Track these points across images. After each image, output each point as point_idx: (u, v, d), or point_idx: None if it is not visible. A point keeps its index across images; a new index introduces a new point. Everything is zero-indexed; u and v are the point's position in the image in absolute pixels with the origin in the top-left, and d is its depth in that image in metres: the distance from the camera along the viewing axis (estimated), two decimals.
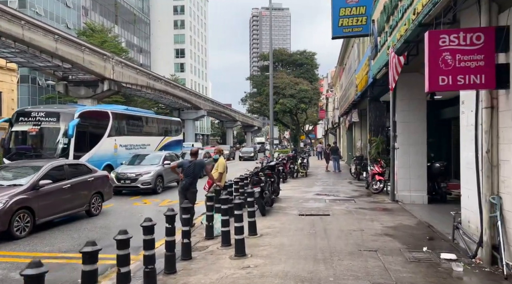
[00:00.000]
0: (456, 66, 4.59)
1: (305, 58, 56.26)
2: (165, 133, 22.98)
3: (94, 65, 29.19)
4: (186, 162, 7.37)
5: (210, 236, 6.77)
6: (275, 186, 10.64)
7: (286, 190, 13.04)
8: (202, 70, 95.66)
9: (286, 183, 15.68)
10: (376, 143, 15.25)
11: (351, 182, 15.84)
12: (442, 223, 7.48)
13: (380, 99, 15.97)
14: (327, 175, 19.45)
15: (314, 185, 14.74)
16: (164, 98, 47.91)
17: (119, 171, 13.66)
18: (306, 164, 19.03)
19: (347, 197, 11.52)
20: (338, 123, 33.87)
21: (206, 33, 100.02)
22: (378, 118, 16.28)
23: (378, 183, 12.13)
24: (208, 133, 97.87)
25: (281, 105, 46.65)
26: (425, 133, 10.24)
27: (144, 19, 79.68)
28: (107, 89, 31.38)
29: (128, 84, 35.89)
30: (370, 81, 12.17)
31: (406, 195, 10.20)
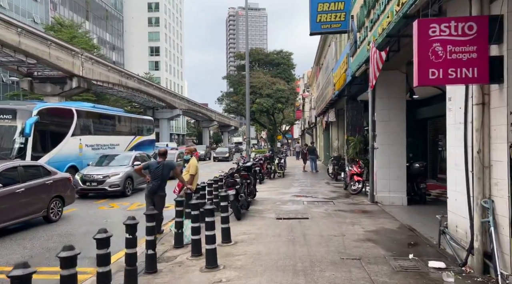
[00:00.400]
0: (447, 58, 4.21)
1: (282, 58, 56.13)
2: (136, 132, 21.94)
3: (61, 61, 27.74)
4: (154, 163, 6.73)
5: (179, 245, 6.17)
6: (251, 188, 10.13)
7: (263, 192, 12.55)
8: (177, 68, 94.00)
9: (263, 184, 15.21)
10: (353, 142, 15.03)
11: (329, 182, 15.55)
12: (424, 226, 7.18)
13: (358, 98, 15.78)
14: (304, 175, 19.12)
15: (291, 186, 14.33)
16: (137, 97, 46.49)
17: (85, 173, 12.77)
18: (283, 165, 18.64)
19: (325, 198, 11.14)
20: (314, 123, 33.77)
21: (181, 31, 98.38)
22: (355, 118, 16.08)
23: (357, 184, 11.84)
24: (184, 133, 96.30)
25: (258, 104, 46.24)
26: (404, 132, 10.00)
27: (117, 16, 77.38)
28: (75, 87, 29.94)
29: (99, 82, 34.47)
30: (348, 79, 11.87)
31: (385, 196, 9.92)
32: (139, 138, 21.69)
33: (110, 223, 8.81)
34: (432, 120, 15.45)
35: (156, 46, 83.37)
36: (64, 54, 28.18)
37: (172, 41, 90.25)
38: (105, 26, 71.71)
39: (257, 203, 10.33)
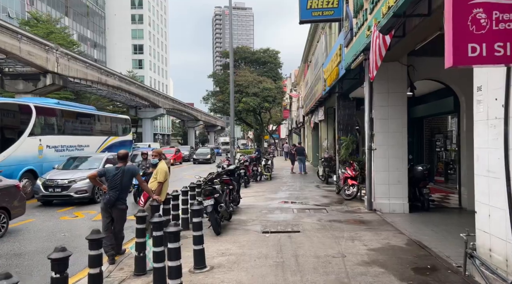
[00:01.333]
0: (492, 29, 3.10)
1: (269, 56, 55.07)
2: (110, 132, 20.29)
3: (33, 56, 25.96)
4: (112, 170, 5.46)
5: (141, 272, 4.92)
6: (234, 195, 8.92)
7: (248, 198, 11.36)
8: (162, 67, 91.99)
9: (248, 188, 14.02)
10: (346, 143, 14.00)
11: (319, 186, 14.46)
12: (436, 241, 6.11)
13: (350, 95, 14.75)
14: (292, 177, 18.00)
15: (279, 190, 13.17)
16: (118, 95, 44.69)
17: (48, 177, 11.34)
18: (271, 166, 17.47)
19: (317, 205, 10.01)
20: (302, 123, 32.75)
21: (166, 29, 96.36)
22: (347, 116, 15.04)
23: (351, 188, 10.76)
24: (169, 133, 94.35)
25: (244, 104, 45.06)
26: (405, 132, 8.95)
27: (98, 12, 75.02)
28: (50, 84, 28.17)
29: (76, 79, 32.70)
30: (342, 73, 10.77)
31: (385, 203, 8.85)
32: (113, 138, 20.02)
33: (69, 238, 7.51)
34: (428, 118, 14.51)
35: (140, 44, 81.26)
36: (36, 49, 26.41)
37: (156, 39, 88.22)
38: (86, 22, 69.36)
39: (241, 211, 9.13)
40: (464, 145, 9.24)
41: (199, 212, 5.02)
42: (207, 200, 6.68)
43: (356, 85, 12.22)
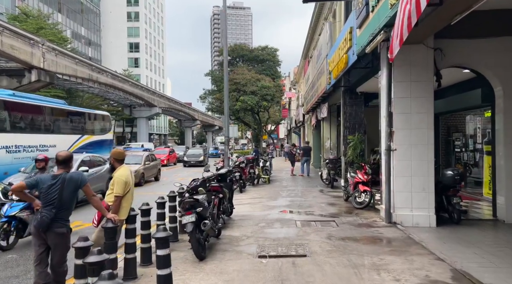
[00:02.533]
0: None
1: (267, 54, 53.65)
2: (83, 130, 17.94)
3: (16, 50, 24.36)
4: (46, 179, 3.90)
5: None
6: (225, 205, 7.39)
7: (243, 206, 9.82)
8: (159, 66, 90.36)
9: (244, 193, 12.49)
10: (353, 142, 12.50)
11: (323, 190, 12.93)
12: (490, 272, 4.59)
13: (358, 90, 13.24)
14: (293, 180, 16.47)
15: (279, 196, 11.63)
16: (111, 94, 43.09)
17: (9, 182, 9.79)
18: (269, 168, 15.93)
19: (324, 216, 8.48)
20: (302, 122, 31.24)
21: (163, 27, 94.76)
22: (354, 113, 13.52)
23: (363, 196, 9.23)
24: (166, 133, 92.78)
25: (242, 102, 43.57)
26: (432, 129, 7.44)
27: (93, 9, 73.36)
28: (35, 80, 26.57)
29: (65, 76, 31.13)
30: (352, 59, 9.25)
31: (407, 215, 7.33)
32: (88, 137, 17.77)
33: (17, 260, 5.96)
34: (445, 115, 13.01)
35: (136, 42, 79.63)
36: (20, 43, 24.80)
37: (153, 37, 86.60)
38: (80, 20, 67.71)
39: (233, 224, 7.60)
40: (501, 145, 7.73)
41: (164, 242, 3.47)
42: (187, 215, 5.15)
43: (366, 76, 10.73)
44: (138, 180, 14.58)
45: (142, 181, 15.19)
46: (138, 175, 14.83)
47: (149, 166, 16.16)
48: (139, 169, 15.14)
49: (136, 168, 14.89)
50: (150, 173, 16.33)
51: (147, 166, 15.92)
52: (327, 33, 14.33)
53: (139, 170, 15.06)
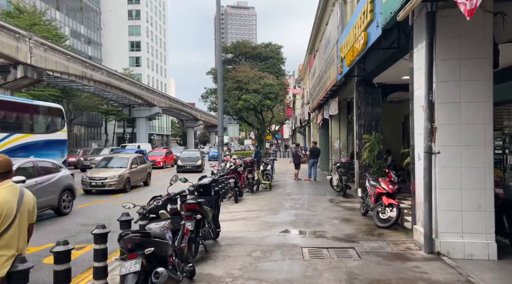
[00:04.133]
0: None
1: (271, 51, 51.60)
2: (16, 127, 13.92)
3: (0, 44, 22.61)
4: None
5: None
6: (205, 230, 5.40)
7: (236, 222, 7.86)
8: (161, 65, 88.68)
9: (240, 202, 10.52)
10: (370, 143, 10.53)
11: (334, 200, 10.92)
12: None
13: (374, 80, 11.25)
14: (298, 186, 14.47)
15: (281, 208, 9.63)
16: (108, 92, 41.34)
17: None
18: (271, 173, 13.92)
19: (340, 239, 6.48)
20: (308, 121, 29.21)
21: (165, 26, 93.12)
22: (370, 108, 11.54)
23: (388, 211, 7.22)
24: (169, 133, 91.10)
25: (244, 101, 41.62)
26: (491, 124, 5.43)
27: (93, 7, 71.81)
28: (21, 77, 24.81)
29: (56, 73, 29.36)
30: (375, 36, 7.22)
31: (455, 243, 5.33)
32: (22, 137, 13.65)
33: None
34: None
35: (137, 41, 77.98)
36: (4, 36, 23.04)
37: (154, 36, 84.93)
38: (80, 18, 66.14)
39: (217, 253, 5.63)
40: None
41: None
42: (128, 261, 3.19)
43: (388, 61, 8.74)
44: (122, 186, 13.00)
45: (128, 187, 13.41)
46: (123, 180, 13.15)
47: (137, 169, 14.37)
48: (124, 173, 13.36)
49: (121, 173, 13.25)
50: (137, 177, 14.54)
51: (134, 170, 14.10)
52: (337, 15, 12.32)
53: (124, 174, 13.28)
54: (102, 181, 12.66)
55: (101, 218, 8.65)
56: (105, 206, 10.67)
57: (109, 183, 12.62)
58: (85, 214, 9.52)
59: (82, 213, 9.59)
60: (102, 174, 13.01)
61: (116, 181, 12.75)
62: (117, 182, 12.75)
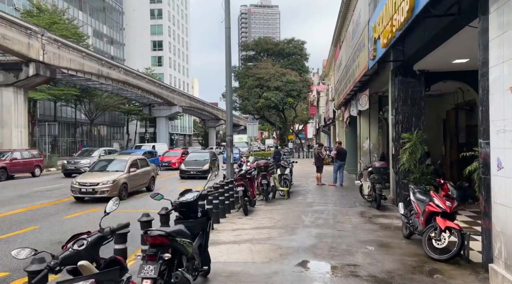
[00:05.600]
0: None
1: (294, 47, 49.65)
2: None
3: (9, 40, 21.82)
4: None
5: None
6: (178, 276, 3.61)
7: (238, 246, 6.09)
8: (183, 64, 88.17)
9: (251, 214, 8.74)
10: (411, 143, 8.54)
11: (365, 213, 8.94)
12: None
13: (415, 67, 9.22)
14: (321, 193, 12.52)
15: (299, 225, 7.77)
16: (127, 91, 40.57)
17: None
18: (289, 178, 12.03)
19: (379, 281, 4.56)
20: (332, 119, 27.07)
21: (187, 25, 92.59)
22: (410, 101, 9.49)
23: (446, 237, 5.23)
24: (191, 133, 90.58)
25: (265, 99, 39.87)
26: None
27: (116, 8, 71.91)
28: (33, 74, 24.03)
29: (71, 71, 28.59)
30: None
31: None
32: None
33: None
34: None
35: (159, 40, 77.63)
36: (14, 32, 22.27)
37: (176, 35, 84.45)
38: (102, 18, 66.29)
39: None
40: None
41: None
42: None
43: (437, 39, 6.77)
44: (117, 192, 11.23)
45: (124, 194, 11.67)
46: (118, 186, 11.43)
47: (136, 174, 12.63)
48: (119, 178, 11.60)
49: (115, 177, 11.53)
50: (138, 182, 12.85)
51: (133, 174, 12.37)
52: None
53: (119, 179, 11.56)
54: (93, 188, 10.98)
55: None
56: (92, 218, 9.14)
57: (102, 189, 10.92)
58: (61, 228, 7.99)
59: (58, 227, 8.07)
60: (93, 179, 11.31)
61: (110, 187, 11.04)
62: (111, 189, 11.03)
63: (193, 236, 4.19)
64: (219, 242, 6.40)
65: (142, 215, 4.44)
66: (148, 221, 4.58)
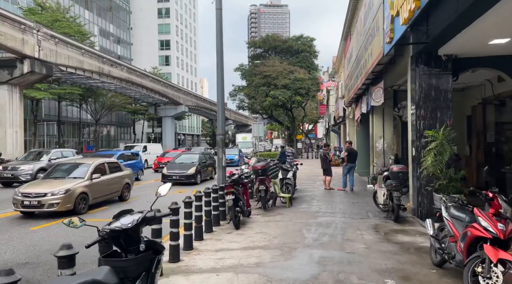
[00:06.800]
0: None
1: (302, 44, 47.90)
2: None
3: (2, 36, 20.86)
4: None
5: None
6: None
7: (215, 277, 4.66)
8: (191, 64, 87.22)
9: (242, 228, 7.31)
10: (437, 142, 7.02)
11: (380, 226, 7.43)
12: None
13: (441, 52, 7.73)
14: (329, 200, 11.02)
15: (299, 244, 6.30)
16: (131, 90, 39.55)
17: None
18: (292, 183, 10.52)
19: None
20: (343, 117, 25.47)
21: (195, 24, 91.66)
22: (435, 91, 7.95)
23: (497, 274, 3.71)
24: (199, 133, 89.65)
25: (272, 98, 38.33)
26: None
27: (123, 7, 71.29)
28: (28, 72, 23.05)
29: (70, 68, 27.58)
30: None
31: None
32: None
33: None
34: None
35: (167, 39, 76.77)
36: (7, 27, 21.29)
37: (184, 34, 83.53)
38: (109, 17, 65.66)
39: None
40: None
41: None
42: None
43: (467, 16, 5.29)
44: (72, 205, 8.95)
45: (83, 207, 9.32)
46: (72, 197, 9.00)
47: (101, 181, 10.17)
48: (75, 187, 9.18)
49: (70, 186, 9.11)
50: (104, 191, 10.39)
51: (96, 182, 9.92)
52: None
53: (75, 189, 9.12)
54: (39, 200, 8.68)
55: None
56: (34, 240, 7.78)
57: (50, 201, 8.67)
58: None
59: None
60: (41, 188, 9.02)
61: (61, 198, 8.75)
62: (63, 200, 8.76)
63: (131, 280, 2.81)
64: (194, 269, 4.99)
65: (60, 247, 3.02)
66: (68, 256, 3.08)
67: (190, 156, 18.39)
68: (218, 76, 8.69)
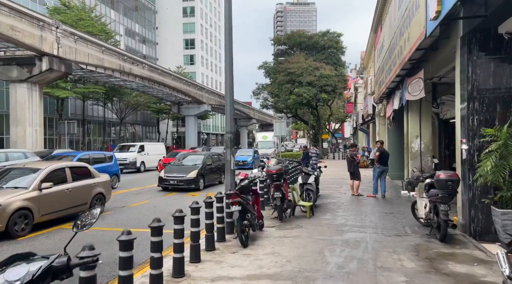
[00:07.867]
0: None
1: (329, 40, 46.01)
2: None
3: (19, 32, 20.52)
4: None
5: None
6: None
7: None
8: (215, 63, 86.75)
9: (251, 247, 6.02)
10: (499, 144, 5.43)
11: (423, 248, 5.94)
12: None
13: (501, 29, 6.14)
14: (357, 209, 9.53)
15: (319, 272, 4.94)
16: (152, 89, 39.08)
17: None
18: (314, 189, 9.11)
19: None
20: (372, 115, 23.66)
21: (220, 23, 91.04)
22: (493, 80, 6.36)
23: None
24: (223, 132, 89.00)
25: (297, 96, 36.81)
26: None
27: (149, 6, 71.63)
28: (46, 69, 22.70)
29: (90, 66, 27.20)
30: None
31: None
32: None
33: None
34: None
35: (191, 38, 76.56)
36: (25, 24, 20.96)
37: (209, 33, 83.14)
38: (135, 17, 66.05)
39: None
40: None
41: None
42: None
43: None
44: (2, 226, 6.74)
45: (22, 228, 7.14)
46: (3, 215, 6.75)
47: (57, 192, 7.94)
48: (11, 201, 7.00)
49: (2, 200, 6.88)
50: (62, 204, 8.10)
51: (48, 193, 7.66)
52: None
53: (9, 204, 6.95)
54: None
55: None
56: None
57: None
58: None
59: None
60: None
61: None
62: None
63: None
64: None
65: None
66: None
67: (194, 157, 16.21)
68: (226, 65, 7.44)
